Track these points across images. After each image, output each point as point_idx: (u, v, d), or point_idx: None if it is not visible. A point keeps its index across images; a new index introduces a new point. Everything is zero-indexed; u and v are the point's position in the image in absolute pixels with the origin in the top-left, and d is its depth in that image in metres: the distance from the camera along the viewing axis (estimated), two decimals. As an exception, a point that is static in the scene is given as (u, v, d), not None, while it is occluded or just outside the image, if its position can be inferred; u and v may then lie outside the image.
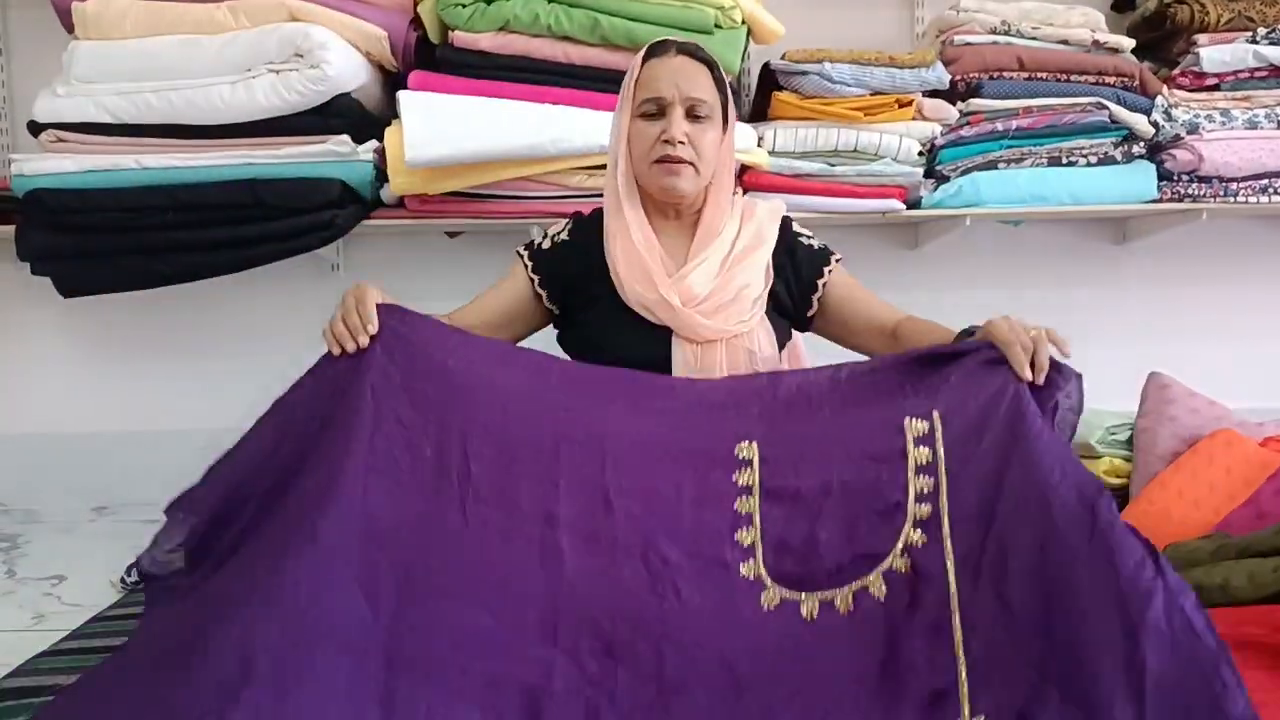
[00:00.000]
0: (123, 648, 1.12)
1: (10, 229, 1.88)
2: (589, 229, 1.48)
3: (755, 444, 1.16)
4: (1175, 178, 2.05)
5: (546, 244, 1.49)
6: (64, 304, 1.96)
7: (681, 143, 1.35)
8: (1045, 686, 0.95)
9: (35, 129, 1.86)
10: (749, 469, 1.14)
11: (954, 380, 1.18)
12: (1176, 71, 2.09)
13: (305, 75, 1.77)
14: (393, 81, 1.99)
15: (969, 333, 1.29)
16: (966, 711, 0.98)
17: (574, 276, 1.46)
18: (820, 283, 1.48)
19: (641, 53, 1.42)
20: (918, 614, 1.05)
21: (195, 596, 1.14)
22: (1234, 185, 2.05)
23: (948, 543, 1.06)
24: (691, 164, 1.37)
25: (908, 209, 2.03)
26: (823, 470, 1.13)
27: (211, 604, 1.06)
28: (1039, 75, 2.03)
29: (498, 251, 2.20)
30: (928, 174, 2.04)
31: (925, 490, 1.10)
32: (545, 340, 1.49)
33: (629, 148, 1.41)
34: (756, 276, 1.43)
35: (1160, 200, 2.05)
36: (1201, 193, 2.05)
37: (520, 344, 1.46)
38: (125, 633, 1.34)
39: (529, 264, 1.48)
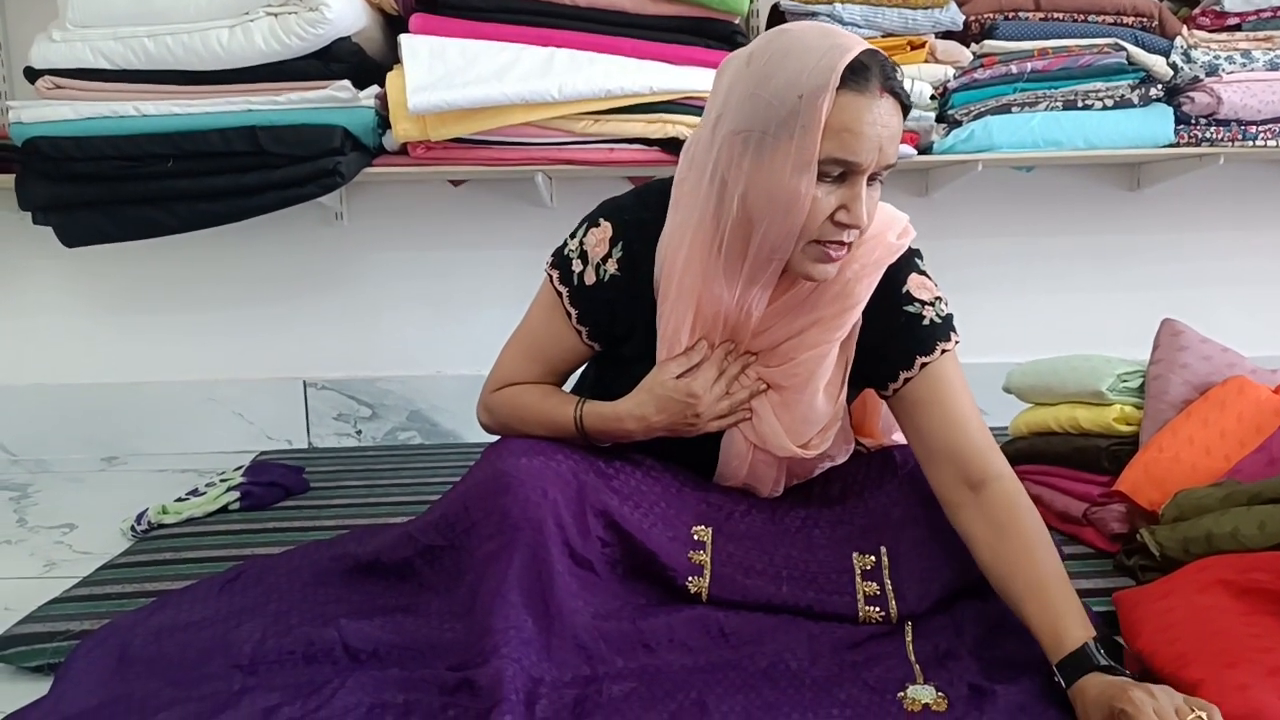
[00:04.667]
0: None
1: (10, 178, 1.86)
2: (640, 253, 1.12)
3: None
4: (1193, 121, 2.01)
5: (589, 276, 1.14)
6: (68, 254, 1.95)
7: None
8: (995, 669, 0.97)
9: (32, 75, 1.83)
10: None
11: None
12: (1197, 11, 2.04)
13: (304, 18, 1.74)
14: (394, 25, 1.95)
15: (1106, 668, 0.90)
16: (919, 675, 0.99)
17: (621, 322, 1.17)
18: (904, 374, 1.10)
19: (829, 65, 0.94)
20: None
21: None
22: (1253, 129, 2.00)
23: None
24: (851, 245, 1.04)
25: (919, 154, 2.00)
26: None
27: None
28: (1055, 15, 1.98)
29: (503, 199, 2.19)
30: (940, 118, 2.00)
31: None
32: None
33: (791, 218, 0.99)
34: (830, 356, 1.11)
35: (1177, 144, 2.01)
36: (1219, 136, 2.01)
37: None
38: (135, 579, 1.36)
39: (571, 311, 1.17)
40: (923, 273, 1.14)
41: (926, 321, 1.11)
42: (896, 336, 1.11)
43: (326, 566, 1.27)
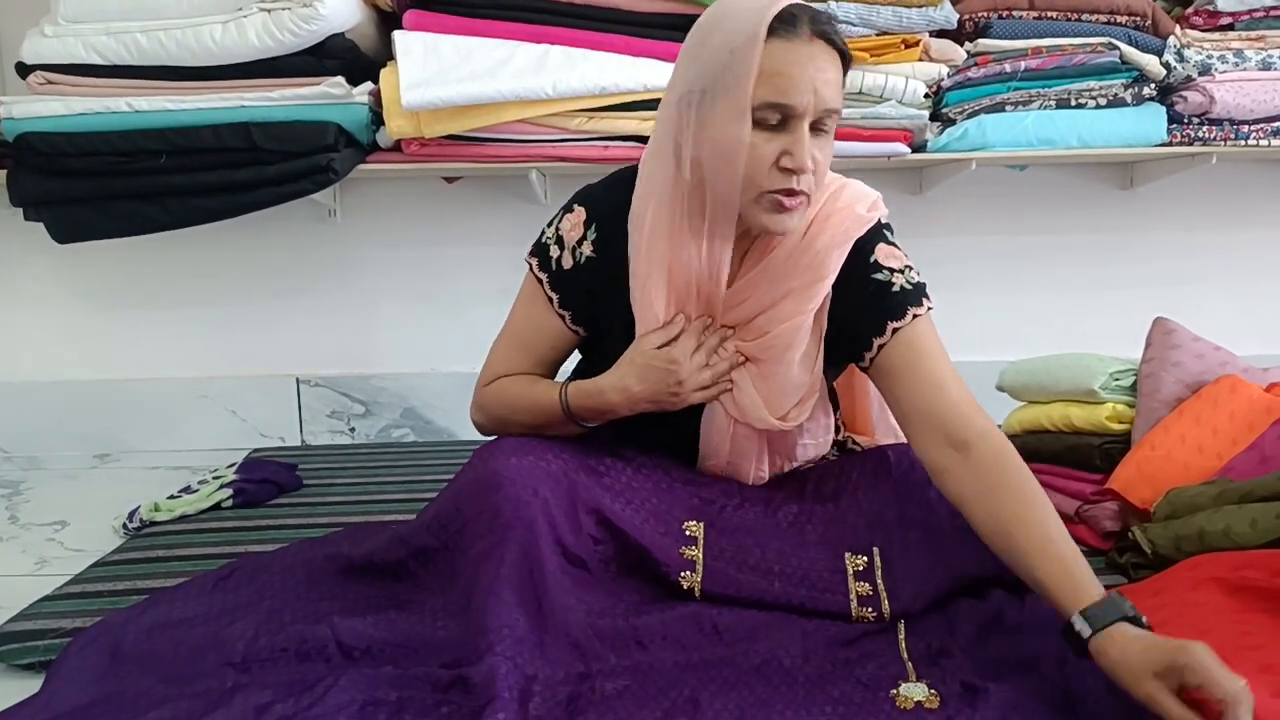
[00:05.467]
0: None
1: (1, 174, 1.86)
2: (614, 234, 1.15)
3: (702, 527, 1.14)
4: (1185, 120, 2.02)
5: (566, 260, 1.17)
6: (60, 250, 1.94)
7: (811, 171, 1.02)
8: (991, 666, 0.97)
9: (23, 70, 1.82)
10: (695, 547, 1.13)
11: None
12: (1190, 10, 2.04)
13: (298, 14, 1.73)
14: (388, 21, 1.94)
15: (1134, 619, 0.88)
16: (911, 672, 0.99)
17: (600, 305, 1.18)
18: (876, 341, 1.11)
19: (757, 18, 0.97)
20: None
21: None
22: (1245, 128, 2.01)
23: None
24: (808, 195, 1.05)
25: (913, 152, 2.00)
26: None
27: None
28: (1049, 14, 1.99)
29: (496, 196, 2.19)
30: (934, 117, 2.00)
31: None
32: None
33: (732, 170, 1.01)
34: (805, 325, 1.12)
35: (1170, 143, 2.02)
36: (1212, 136, 2.02)
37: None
38: (128, 577, 1.36)
39: (552, 296, 1.19)
40: (891, 243, 1.16)
41: (896, 288, 1.12)
42: (867, 305, 1.12)
43: (320, 565, 1.27)
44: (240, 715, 0.91)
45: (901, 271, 1.13)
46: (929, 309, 1.12)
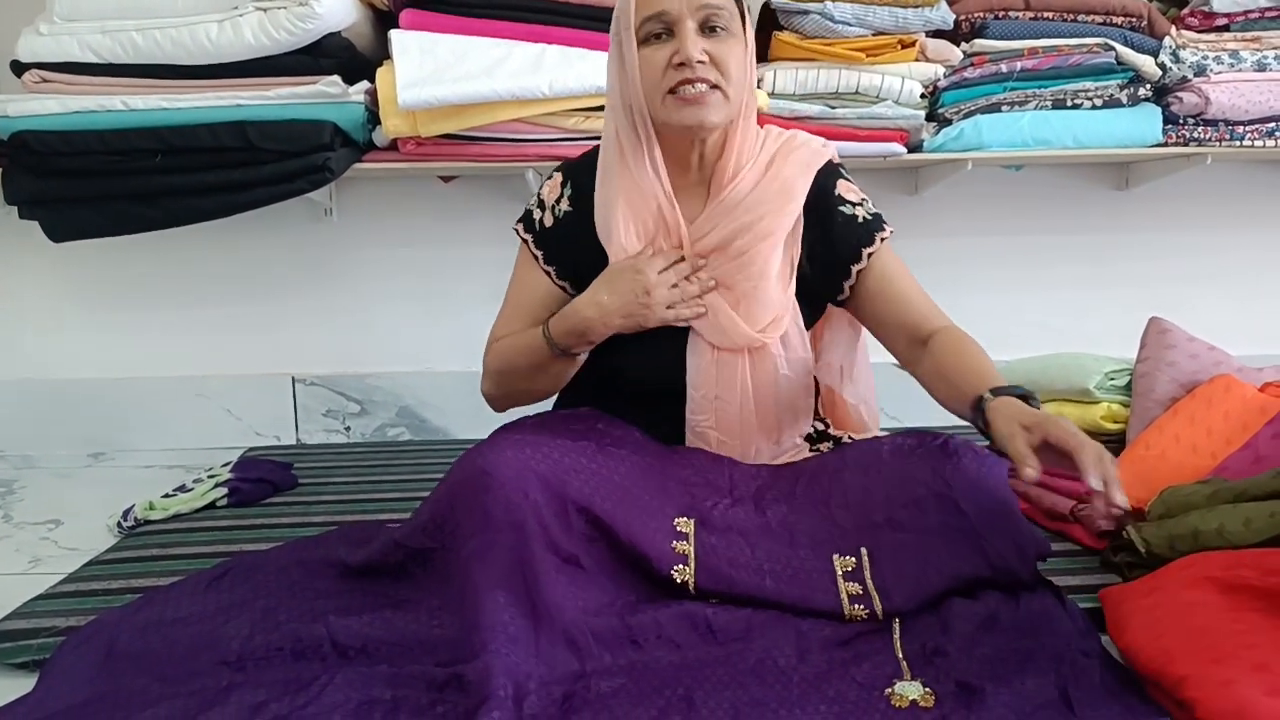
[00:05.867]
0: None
1: (-3, 172, 1.85)
2: (587, 189, 1.27)
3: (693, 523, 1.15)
4: (1181, 121, 2.02)
5: (548, 219, 1.29)
6: (55, 249, 1.94)
7: (701, 62, 1.12)
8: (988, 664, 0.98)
9: (18, 69, 1.82)
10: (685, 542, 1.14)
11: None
12: (1185, 11, 2.05)
13: (293, 13, 1.73)
14: (384, 20, 1.94)
15: (1022, 396, 1.08)
16: (906, 672, 0.99)
17: (582, 255, 1.26)
18: (856, 269, 1.24)
19: None
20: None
21: None
22: (1240, 129, 2.02)
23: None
24: (718, 87, 1.14)
25: (909, 153, 2.00)
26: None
27: None
28: (1045, 15, 1.99)
29: (492, 196, 2.19)
30: (930, 117, 2.01)
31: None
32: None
33: (635, 84, 1.16)
34: (776, 251, 1.21)
35: (1165, 144, 2.02)
36: (1207, 136, 2.02)
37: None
38: (122, 576, 1.35)
39: (537, 253, 1.30)
40: (847, 179, 1.30)
41: (860, 219, 1.26)
42: (841, 236, 1.25)
43: (315, 565, 1.27)
44: (235, 714, 0.91)
45: (861, 204, 1.27)
46: (891, 232, 1.27)
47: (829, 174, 1.27)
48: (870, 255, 1.24)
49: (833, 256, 1.25)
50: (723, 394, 1.26)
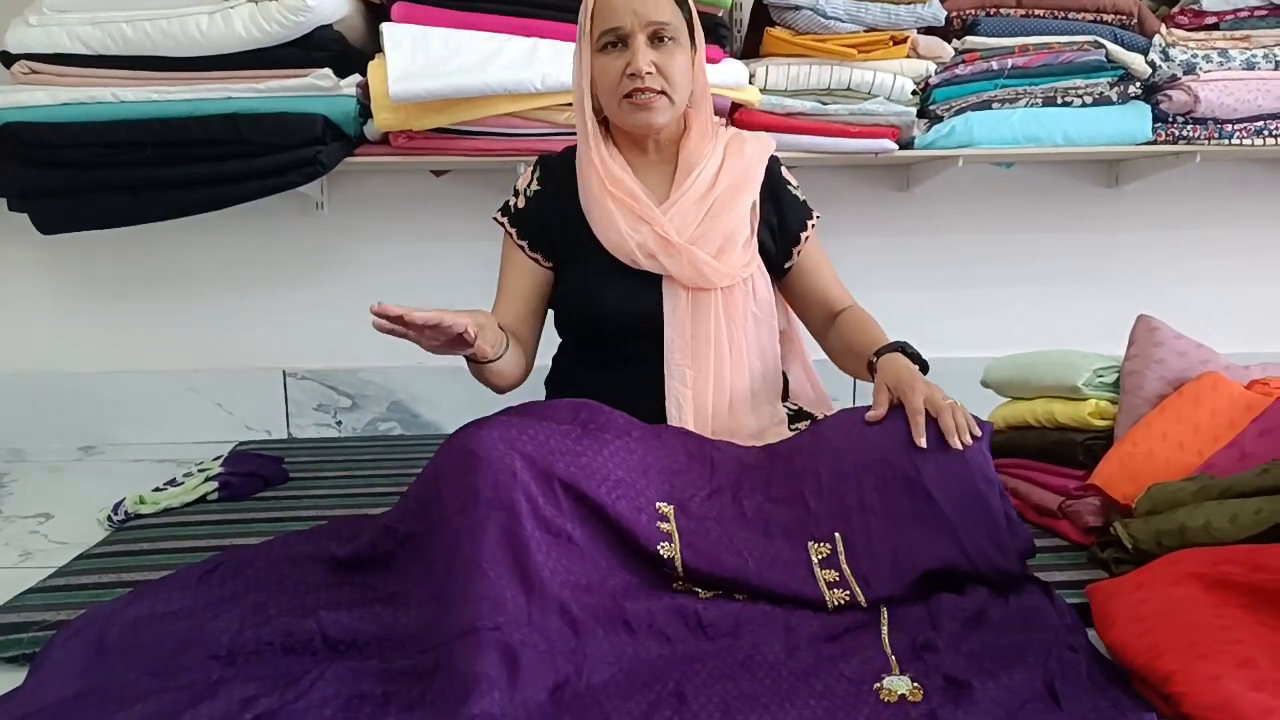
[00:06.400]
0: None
1: (-15, 164, 1.84)
2: (558, 172, 1.42)
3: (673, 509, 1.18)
4: (1170, 119, 2.03)
5: (520, 201, 1.44)
6: (45, 241, 1.93)
7: (649, 73, 1.28)
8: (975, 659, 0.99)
9: (7, 60, 1.81)
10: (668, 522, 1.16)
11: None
12: (1175, 9, 2.06)
13: (285, 5, 1.72)
14: (376, 14, 1.94)
15: (904, 350, 1.28)
16: (895, 666, 1.00)
17: (555, 228, 1.41)
18: (804, 236, 1.45)
19: None
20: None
21: None
22: (1229, 127, 2.03)
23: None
24: (664, 93, 1.31)
25: (900, 149, 2.01)
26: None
27: None
28: (1036, 12, 2.00)
29: (484, 190, 2.18)
30: (921, 113, 2.01)
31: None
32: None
33: (593, 85, 1.35)
34: (743, 220, 1.38)
35: (1155, 142, 2.03)
36: (1196, 135, 2.03)
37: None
38: (113, 569, 1.35)
39: (512, 231, 1.43)
40: (786, 166, 1.49)
41: (801, 199, 1.47)
42: (790, 211, 1.44)
43: (305, 559, 1.27)
44: (226, 708, 0.91)
45: (799, 187, 1.48)
46: (819, 216, 1.48)
47: (774, 161, 1.46)
48: (809, 232, 1.45)
49: (785, 230, 1.44)
50: (698, 333, 1.34)
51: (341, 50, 1.85)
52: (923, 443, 1.14)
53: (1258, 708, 0.86)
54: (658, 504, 1.17)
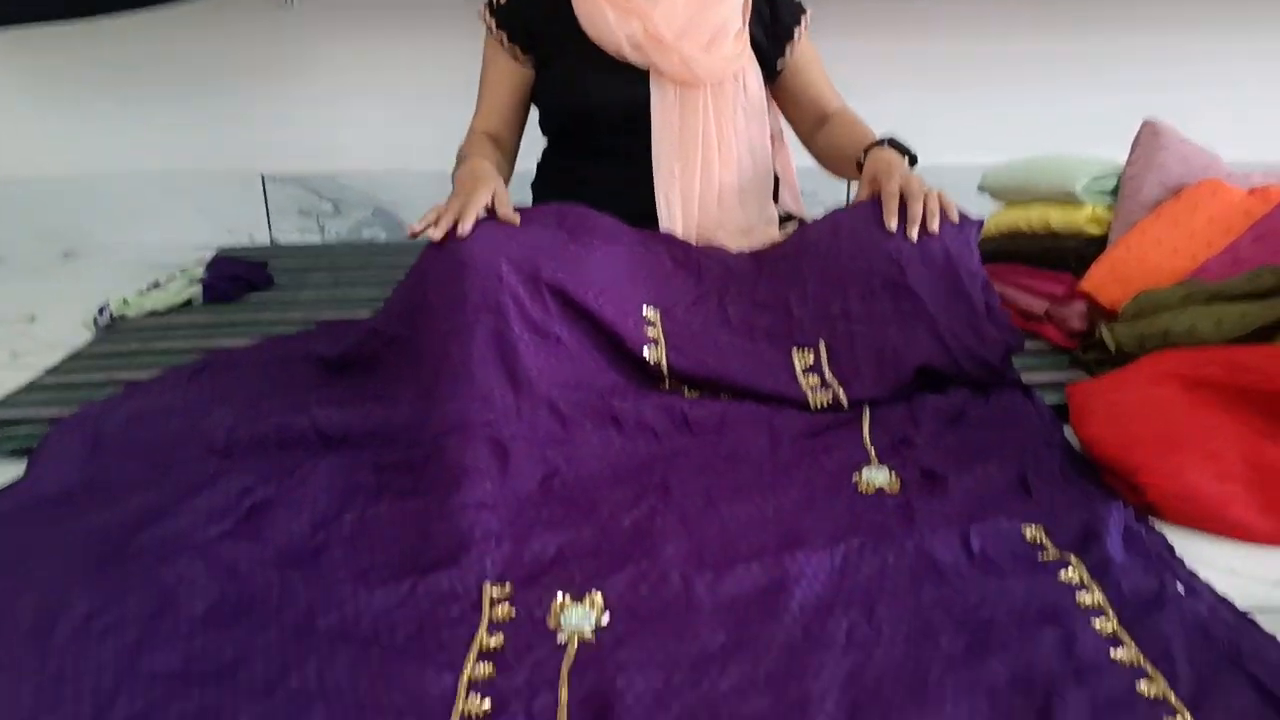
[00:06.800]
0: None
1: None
2: None
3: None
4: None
5: None
6: (8, 42, 1.82)
7: None
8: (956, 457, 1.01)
9: None
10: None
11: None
12: None
13: None
14: None
15: (893, 144, 1.27)
16: (874, 460, 1.02)
17: (539, 20, 1.36)
18: (797, 31, 1.42)
19: None
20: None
21: None
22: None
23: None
24: None
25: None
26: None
27: None
28: None
29: (463, -19, 2.05)
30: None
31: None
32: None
33: None
34: (734, 10, 1.34)
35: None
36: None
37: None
38: (103, 369, 1.36)
39: (493, 23, 1.39)
40: None
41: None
42: (782, 5, 1.41)
43: (295, 361, 1.28)
44: (224, 498, 0.93)
45: None
46: (810, 14, 1.45)
47: None
48: (801, 28, 1.42)
49: (777, 24, 1.41)
50: (685, 130, 1.32)
51: None
52: (892, 226, 1.14)
53: (1219, 497, 0.90)
54: (644, 308, 1.17)
